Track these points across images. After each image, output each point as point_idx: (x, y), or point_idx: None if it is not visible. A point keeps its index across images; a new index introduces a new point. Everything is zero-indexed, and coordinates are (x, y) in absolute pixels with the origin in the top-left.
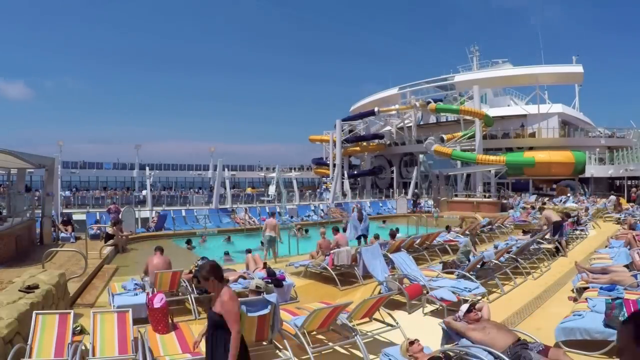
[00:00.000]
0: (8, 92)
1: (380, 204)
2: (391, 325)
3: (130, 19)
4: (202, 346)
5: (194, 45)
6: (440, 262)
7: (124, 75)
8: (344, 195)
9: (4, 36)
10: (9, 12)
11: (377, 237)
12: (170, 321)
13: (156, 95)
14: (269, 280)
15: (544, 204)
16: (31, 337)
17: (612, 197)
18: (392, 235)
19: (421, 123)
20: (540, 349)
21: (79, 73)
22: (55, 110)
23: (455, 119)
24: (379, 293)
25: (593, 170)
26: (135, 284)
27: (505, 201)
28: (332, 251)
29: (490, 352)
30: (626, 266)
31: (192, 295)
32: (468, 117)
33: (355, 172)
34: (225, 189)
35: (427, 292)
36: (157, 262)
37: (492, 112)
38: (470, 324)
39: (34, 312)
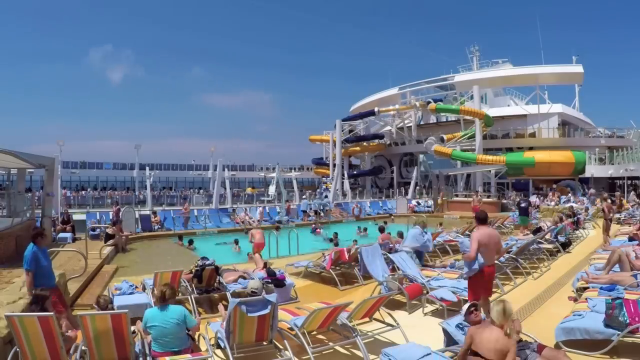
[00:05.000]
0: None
1: (380, 204)
2: (391, 325)
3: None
4: (202, 346)
5: (192, 40)
6: (440, 263)
7: (122, 71)
8: (344, 195)
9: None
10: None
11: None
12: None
13: (155, 93)
14: (269, 280)
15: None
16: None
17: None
18: (381, 229)
19: (421, 123)
20: (535, 348)
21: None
22: (54, 107)
23: (455, 119)
24: (379, 293)
25: (593, 170)
26: (130, 285)
27: (505, 201)
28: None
29: None
30: None
31: (192, 296)
32: (468, 117)
33: (355, 172)
34: (225, 189)
35: (427, 292)
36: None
37: (492, 112)
38: (473, 325)
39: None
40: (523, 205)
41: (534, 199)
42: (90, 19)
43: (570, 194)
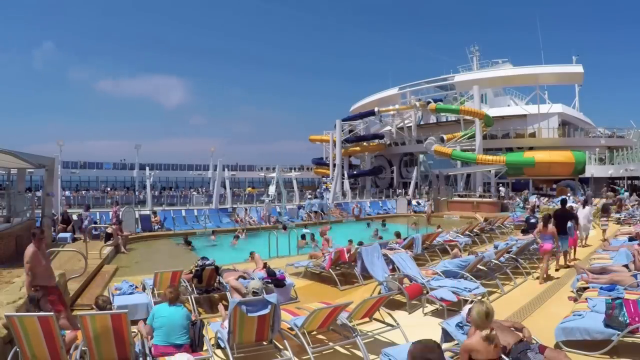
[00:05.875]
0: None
1: (380, 204)
2: (391, 325)
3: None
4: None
5: (189, 38)
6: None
7: (121, 67)
8: (344, 195)
9: None
10: None
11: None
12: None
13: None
14: (269, 280)
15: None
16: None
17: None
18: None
19: (421, 123)
20: (536, 349)
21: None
22: (53, 107)
23: (455, 119)
24: (379, 293)
25: (593, 170)
26: (130, 285)
27: (505, 201)
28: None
29: None
30: (625, 266)
31: (192, 296)
32: (468, 117)
33: (355, 172)
34: (225, 189)
35: (427, 292)
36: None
37: (492, 112)
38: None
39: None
40: (532, 221)
41: (533, 199)
42: None
43: (570, 194)
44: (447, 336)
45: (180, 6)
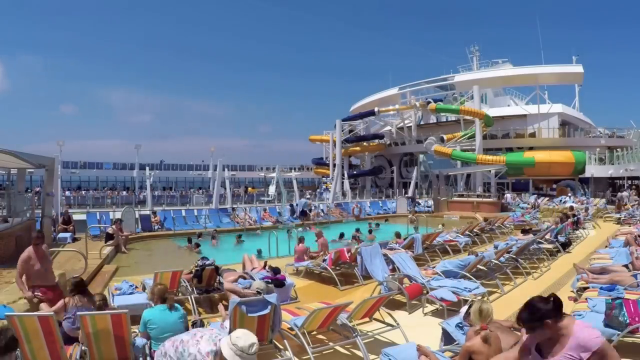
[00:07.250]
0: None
1: (380, 204)
2: (391, 325)
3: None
4: None
5: (188, 38)
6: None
7: (122, 67)
8: (344, 195)
9: None
10: None
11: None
12: None
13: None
14: (269, 280)
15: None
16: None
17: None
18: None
19: (421, 123)
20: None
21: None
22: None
23: (455, 119)
24: (379, 293)
25: (593, 170)
26: (130, 285)
27: (503, 201)
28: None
29: None
30: (625, 266)
31: (192, 296)
32: (468, 117)
33: (355, 172)
34: (225, 189)
35: (427, 292)
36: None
37: (492, 112)
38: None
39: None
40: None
41: (532, 199)
42: None
43: (570, 194)
44: (447, 337)
45: (176, 6)
